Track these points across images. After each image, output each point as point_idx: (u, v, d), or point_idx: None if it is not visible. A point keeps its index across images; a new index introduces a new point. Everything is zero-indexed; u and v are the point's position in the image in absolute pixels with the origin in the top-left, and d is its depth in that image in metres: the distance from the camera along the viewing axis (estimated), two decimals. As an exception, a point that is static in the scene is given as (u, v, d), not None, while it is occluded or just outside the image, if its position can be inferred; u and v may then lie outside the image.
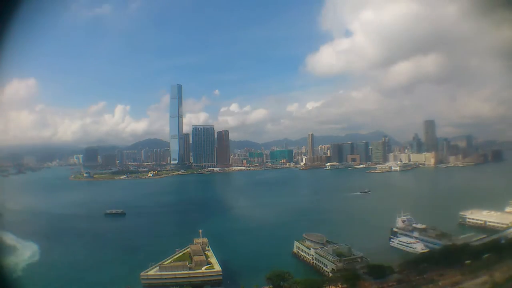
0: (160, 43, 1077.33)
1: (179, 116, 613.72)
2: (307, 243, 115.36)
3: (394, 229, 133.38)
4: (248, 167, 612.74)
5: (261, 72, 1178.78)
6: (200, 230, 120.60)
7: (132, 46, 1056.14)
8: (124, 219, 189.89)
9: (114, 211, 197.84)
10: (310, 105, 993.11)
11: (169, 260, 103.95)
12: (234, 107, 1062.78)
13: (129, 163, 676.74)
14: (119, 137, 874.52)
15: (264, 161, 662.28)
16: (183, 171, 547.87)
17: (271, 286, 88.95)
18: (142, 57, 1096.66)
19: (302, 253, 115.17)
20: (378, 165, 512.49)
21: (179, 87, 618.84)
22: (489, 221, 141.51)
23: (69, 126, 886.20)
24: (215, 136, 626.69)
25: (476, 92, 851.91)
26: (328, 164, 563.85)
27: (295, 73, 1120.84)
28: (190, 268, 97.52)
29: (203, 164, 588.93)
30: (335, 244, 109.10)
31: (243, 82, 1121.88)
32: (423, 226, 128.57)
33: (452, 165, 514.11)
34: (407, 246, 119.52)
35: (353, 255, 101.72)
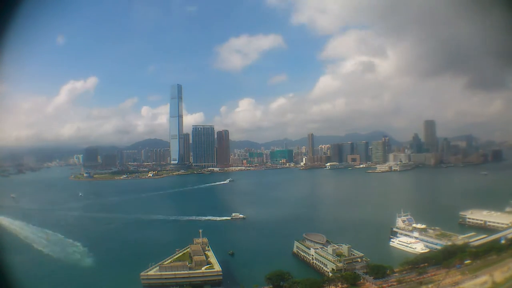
0: (168, 42, 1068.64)
1: (179, 116, 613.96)
2: (307, 243, 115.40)
3: (394, 229, 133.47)
4: (248, 167, 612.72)
5: (264, 73, 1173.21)
6: (200, 230, 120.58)
7: (145, 46, 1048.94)
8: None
9: None
10: (310, 105, 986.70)
11: (169, 260, 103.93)
12: (236, 107, 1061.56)
13: (129, 163, 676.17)
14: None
15: (264, 161, 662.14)
16: (183, 171, 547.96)
17: (271, 286, 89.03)
18: (152, 57, 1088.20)
19: (302, 253, 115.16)
20: (378, 165, 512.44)
21: (179, 87, 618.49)
22: (489, 221, 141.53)
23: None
24: (215, 136, 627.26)
25: (476, 92, 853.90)
26: (328, 164, 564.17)
27: (297, 74, 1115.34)
28: (190, 268, 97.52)
29: (203, 164, 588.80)
30: (335, 244, 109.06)
31: (246, 83, 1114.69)
32: (423, 226, 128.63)
33: (452, 165, 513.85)
34: (407, 246, 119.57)
35: (353, 255, 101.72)
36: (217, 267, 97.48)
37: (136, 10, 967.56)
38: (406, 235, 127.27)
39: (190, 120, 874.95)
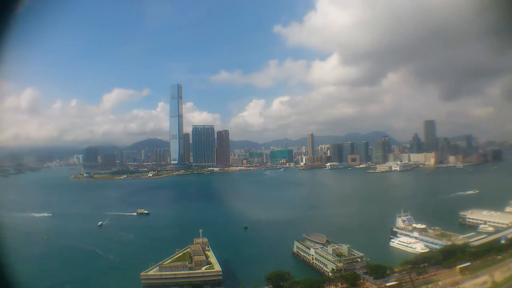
0: (169, 42, 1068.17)
1: (179, 116, 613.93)
2: (307, 243, 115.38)
3: (394, 229, 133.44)
4: (248, 167, 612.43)
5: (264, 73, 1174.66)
6: (200, 230, 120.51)
7: (147, 46, 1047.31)
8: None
9: None
10: (310, 106, 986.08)
11: (169, 260, 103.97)
12: (237, 107, 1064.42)
13: (129, 163, 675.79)
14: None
15: (264, 161, 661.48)
16: (183, 171, 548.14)
17: (271, 286, 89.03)
18: (155, 57, 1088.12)
19: (302, 253, 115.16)
20: (378, 165, 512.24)
21: (179, 87, 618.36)
22: (489, 221, 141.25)
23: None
24: (215, 136, 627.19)
25: (476, 92, 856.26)
26: (328, 164, 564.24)
27: (304, 78, 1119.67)
28: (190, 268, 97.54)
29: (203, 164, 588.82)
30: (335, 244, 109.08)
31: (247, 84, 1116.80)
32: (423, 226, 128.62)
33: (452, 165, 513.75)
34: (407, 246, 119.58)
35: (353, 255, 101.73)
36: (217, 267, 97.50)
37: (159, 11, 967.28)
38: (406, 235, 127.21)
39: (208, 117, 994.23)
